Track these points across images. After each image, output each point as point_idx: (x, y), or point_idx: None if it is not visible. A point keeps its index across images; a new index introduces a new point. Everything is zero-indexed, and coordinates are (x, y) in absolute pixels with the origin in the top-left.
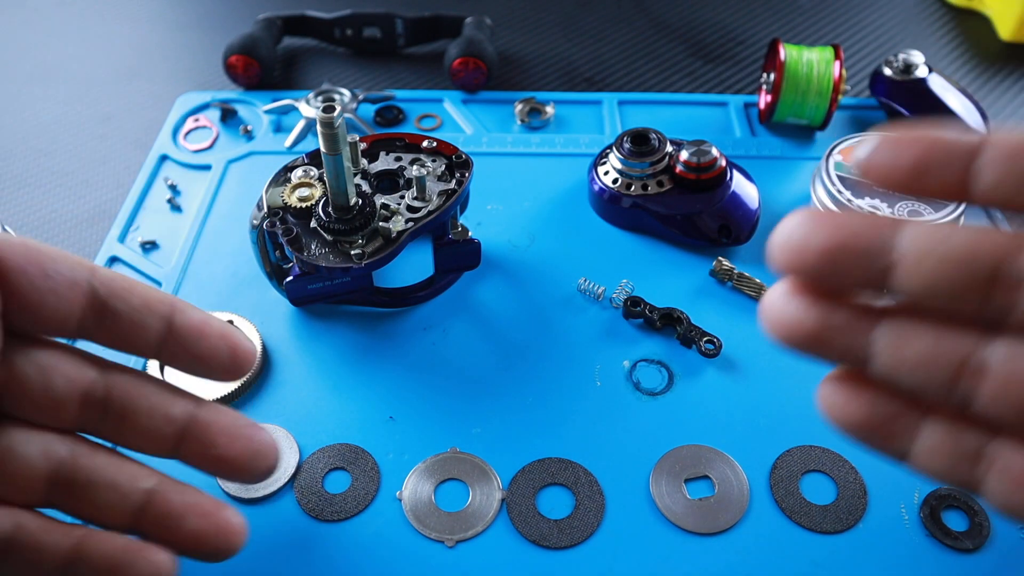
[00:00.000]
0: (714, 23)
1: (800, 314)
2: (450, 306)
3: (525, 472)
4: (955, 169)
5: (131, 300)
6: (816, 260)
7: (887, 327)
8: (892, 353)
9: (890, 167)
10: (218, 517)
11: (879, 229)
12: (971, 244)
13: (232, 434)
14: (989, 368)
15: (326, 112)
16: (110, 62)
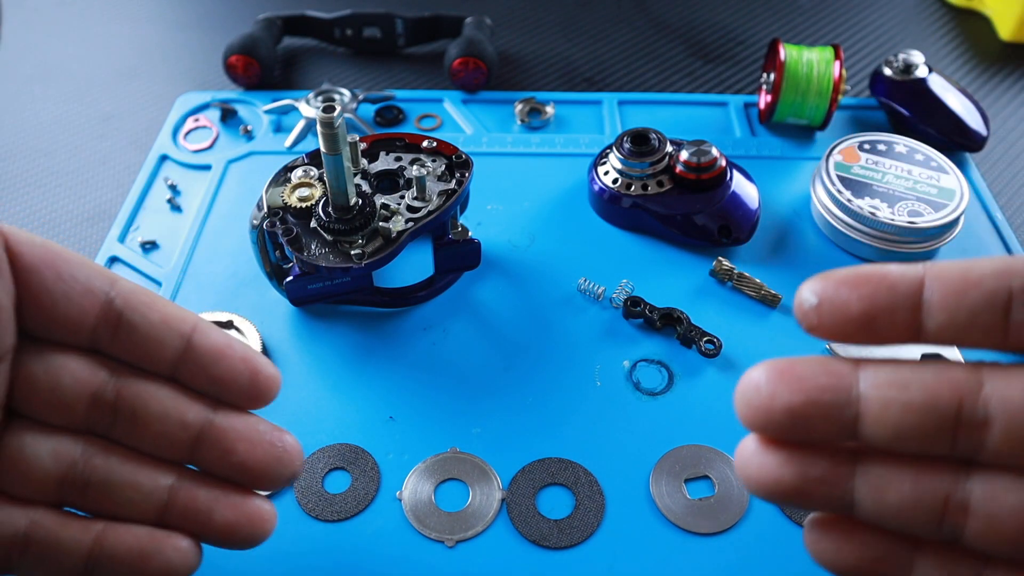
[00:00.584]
0: (714, 23)
1: (778, 470)
2: (450, 306)
3: (525, 472)
4: (904, 312)
5: (150, 315)
6: (782, 419)
7: (866, 473)
8: (875, 498)
9: (838, 320)
10: (247, 507)
11: (840, 379)
12: (931, 389)
13: (252, 439)
14: (971, 507)
15: (326, 112)
16: (110, 62)
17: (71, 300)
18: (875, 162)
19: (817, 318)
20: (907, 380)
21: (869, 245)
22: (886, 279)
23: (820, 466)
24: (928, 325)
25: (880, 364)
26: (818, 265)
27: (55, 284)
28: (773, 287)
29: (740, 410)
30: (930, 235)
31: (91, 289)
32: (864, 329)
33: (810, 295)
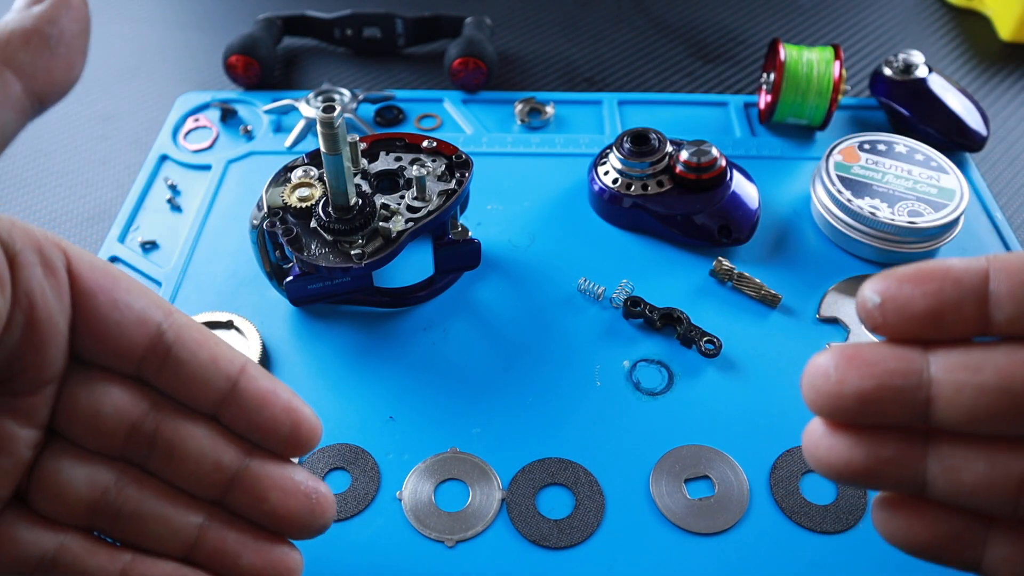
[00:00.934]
0: (714, 23)
1: (849, 452)
2: (450, 306)
3: (525, 472)
4: (971, 306)
5: (199, 353)
6: (853, 406)
7: (938, 454)
8: (948, 479)
9: (903, 317)
10: (274, 554)
11: (910, 363)
12: (1005, 371)
13: (286, 488)
14: None
15: (326, 112)
16: (110, 62)
17: (123, 329)
18: (875, 162)
19: (882, 317)
20: (980, 362)
21: (869, 245)
22: (950, 273)
23: (891, 447)
24: (996, 317)
25: (951, 347)
26: (818, 265)
27: (110, 311)
28: (773, 287)
29: (808, 395)
30: (930, 235)
31: (145, 320)
32: (931, 325)
33: (872, 294)
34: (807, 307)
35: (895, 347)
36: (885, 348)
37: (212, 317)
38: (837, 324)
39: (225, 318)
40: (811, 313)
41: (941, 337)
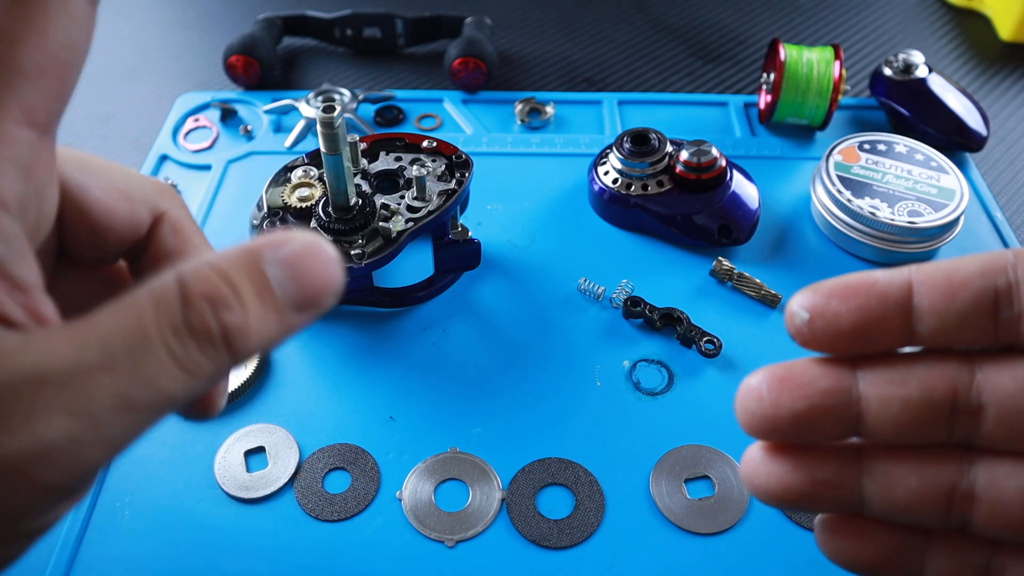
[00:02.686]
0: (714, 23)
1: (787, 478)
2: (450, 306)
3: (525, 472)
4: (896, 320)
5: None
6: (788, 427)
7: (872, 471)
8: (884, 495)
9: (831, 333)
10: None
11: (840, 381)
12: (927, 383)
13: None
14: (976, 494)
15: (326, 112)
16: (110, 62)
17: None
18: (875, 162)
19: (811, 333)
20: (903, 376)
21: (869, 245)
22: (875, 288)
23: (827, 469)
24: (920, 330)
25: (877, 362)
26: (818, 265)
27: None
28: (773, 287)
29: (742, 419)
30: (930, 235)
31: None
32: (858, 340)
33: (800, 309)
34: None
35: (825, 365)
36: (815, 367)
37: None
38: None
39: None
40: None
41: (868, 351)
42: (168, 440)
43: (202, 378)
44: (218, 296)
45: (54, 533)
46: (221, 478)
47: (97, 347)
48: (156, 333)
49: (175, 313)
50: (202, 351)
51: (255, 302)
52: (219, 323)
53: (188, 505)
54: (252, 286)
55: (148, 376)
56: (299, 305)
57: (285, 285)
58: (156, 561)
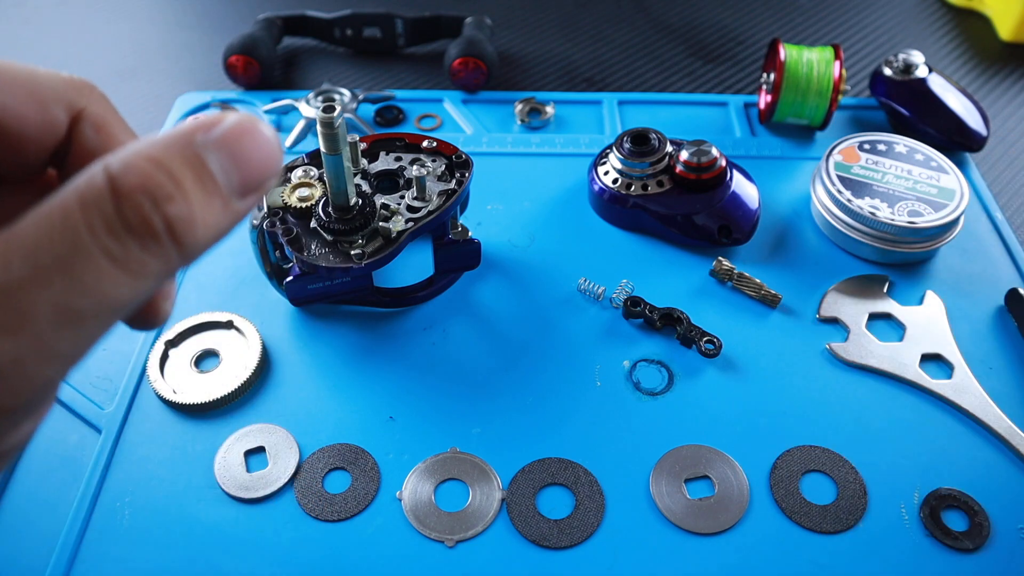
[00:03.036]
0: (714, 23)
1: None
2: (450, 306)
3: (525, 472)
4: None
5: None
6: None
7: None
8: None
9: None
10: None
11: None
12: None
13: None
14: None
15: (326, 112)
16: (110, 62)
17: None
18: (875, 162)
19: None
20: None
21: (869, 245)
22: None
23: None
24: None
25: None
26: (818, 265)
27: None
28: (773, 287)
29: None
30: (930, 235)
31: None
32: None
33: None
34: (807, 307)
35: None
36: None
37: (212, 317)
38: (837, 324)
39: (225, 318)
40: (811, 313)
41: None
42: (168, 440)
43: (148, 277)
44: (156, 186)
45: (54, 533)
46: (221, 478)
47: (23, 260)
48: (88, 236)
49: (107, 210)
50: (145, 248)
51: (197, 190)
52: (161, 216)
53: (188, 505)
54: (191, 173)
55: (87, 283)
56: (243, 190)
57: (227, 169)
58: (156, 561)
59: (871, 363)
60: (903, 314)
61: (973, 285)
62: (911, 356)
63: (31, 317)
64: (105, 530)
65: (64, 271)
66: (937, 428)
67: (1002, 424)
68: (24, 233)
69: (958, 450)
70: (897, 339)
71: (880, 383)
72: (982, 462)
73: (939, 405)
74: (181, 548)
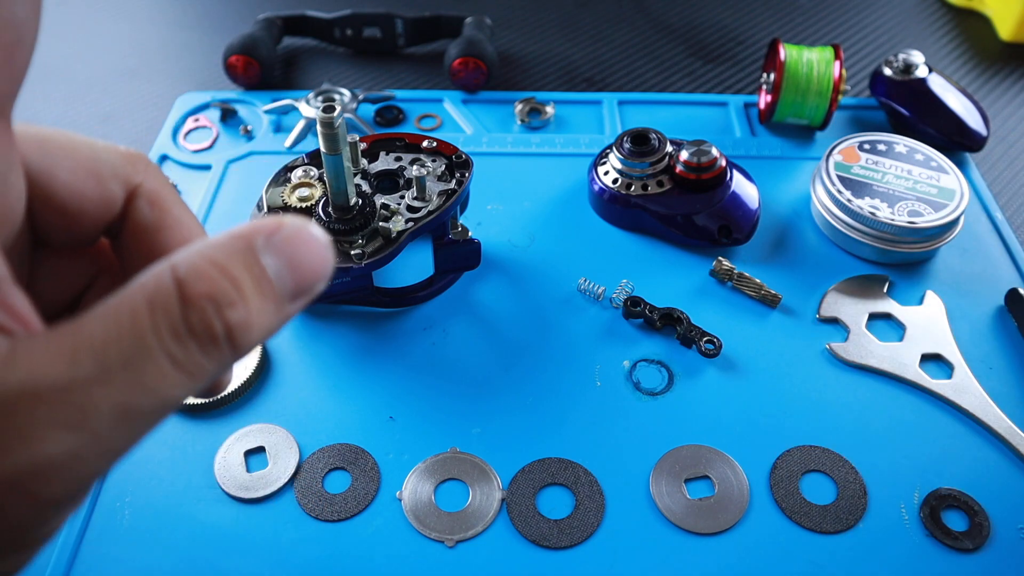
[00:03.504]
0: (714, 23)
1: None
2: (450, 306)
3: (525, 472)
4: None
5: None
6: None
7: None
8: None
9: None
10: None
11: None
12: None
13: None
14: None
15: (326, 112)
16: (110, 62)
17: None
18: (875, 162)
19: None
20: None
21: (869, 245)
22: None
23: None
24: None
25: None
26: (818, 265)
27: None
28: (773, 287)
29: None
30: (930, 235)
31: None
32: None
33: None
34: (807, 307)
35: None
36: None
37: None
38: (837, 324)
39: None
40: (811, 313)
41: None
42: (168, 440)
43: (204, 378)
44: (220, 294)
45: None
46: (221, 478)
47: (91, 358)
48: (154, 339)
49: (174, 315)
50: (204, 352)
51: (255, 295)
52: (223, 321)
53: (188, 505)
54: (251, 278)
55: (148, 384)
56: (295, 294)
57: (282, 275)
58: (156, 561)
59: (871, 363)
60: (903, 314)
61: (973, 285)
62: (911, 356)
63: (94, 414)
64: (105, 530)
65: (128, 371)
66: (937, 428)
67: (1002, 424)
68: (92, 330)
69: (958, 450)
70: (897, 339)
71: (880, 383)
72: (982, 462)
73: (939, 405)
74: (181, 548)
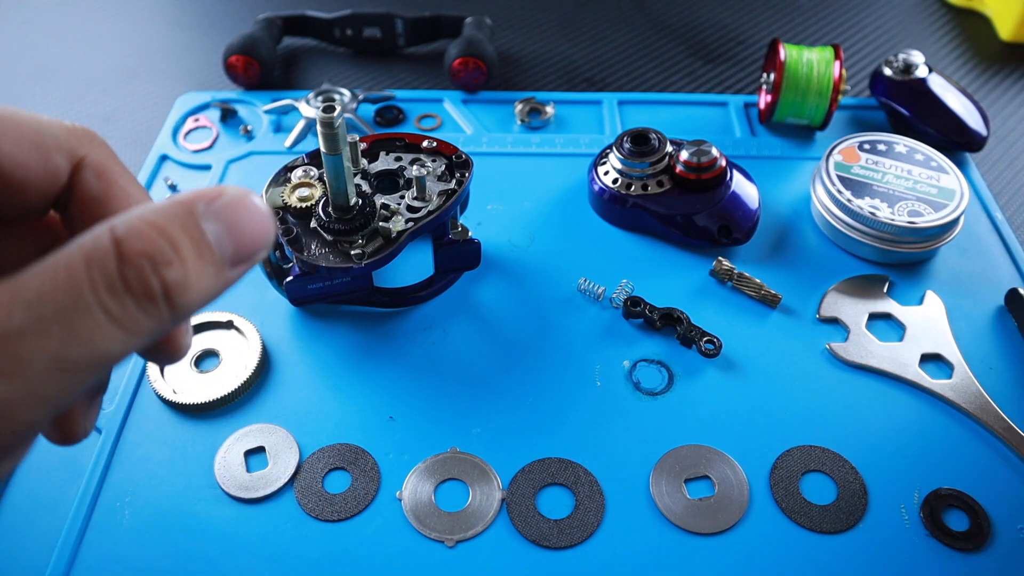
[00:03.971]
0: (714, 23)
1: None
2: (450, 306)
3: (525, 472)
4: None
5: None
6: None
7: None
8: None
9: None
10: None
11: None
12: None
13: None
14: None
15: (326, 112)
16: (110, 62)
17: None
18: (875, 162)
19: None
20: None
21: (869, 245)
22: None
23: None
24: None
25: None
26: (818, 265)
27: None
28: (773, 287)
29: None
30: (930, 235)
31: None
32: None
33: None
34: (807, 307)
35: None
36: None
37: (212, 317)
38: (837, 324)
39: (225, 318)
40: (811, 313)
41: None
42: (168, 440)
43: (140, 334)
44: (157, 252)
45: (54, 533)
46: (221, 478)
47: (26, 309)
48: (90, 293)
49: (111, 271)
50: (141, 308)
51: (194, 257)
52: (159, 279)
53: (188, 505)
54: (189, 240)
55: (83, 336)
56: (235, 259)
57: (222, 240)
58: (156, 561)
59: (871, 363)
60: (903, 314)
61: (973, 285)
62: (911, 356)
63: (27, 364)
64: (105, 530)
65: (63, 323)
66: (937, 428)
67: (1002, 424)
68: (28, 284)
69: (958, 450)
70: (897, 339)
71: (880, 383)
72: (982, 462)
73: (939, 405)
74: (181, 548)
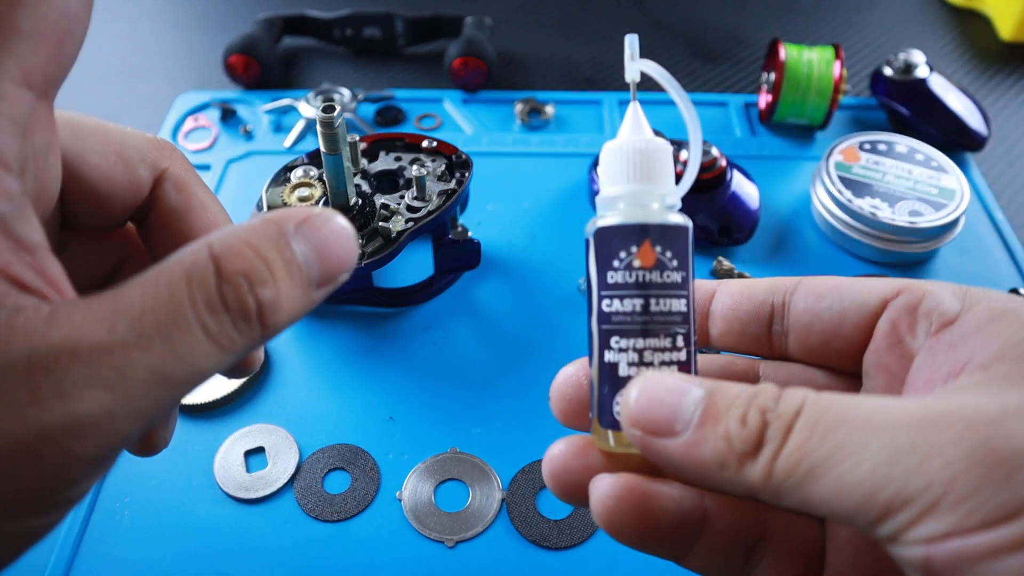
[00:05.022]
0: (714, 23)
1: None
2: (450, 306)
3: (525, 472)
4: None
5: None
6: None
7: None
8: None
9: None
10: None
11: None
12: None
13: None
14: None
15: (326, 112)
16: (110, 62)
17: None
18: (875, 162)
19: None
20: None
21: (869, 245)
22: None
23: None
24: (711, 332)
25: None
26: (818, 265)
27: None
28: None
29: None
30: (930, 235)
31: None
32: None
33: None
34: None
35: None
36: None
37: None
38: None
39: None
40: None
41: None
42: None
43: (234, 352)
44: (254, 271)
45: (54, 533)
46: (221, 478)
47: (129, 324)
48: (191, 310)
49: (210, 289)
50: (236, 327)
51: (285, 277)
52: (255, 298)
53: (188, 505)
54: (281, 260)
55: (182, 352)
56: (321, 281)
57: (310, 261)
58: (156, 561)
59: None
60: None
61: (973, 285)
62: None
63: (129, 377)
64: (105, 530)
65: (164, 338)
66: None
67: None
68: (131, 298)
69: None
70: None
71: None
72: None
73: None
74: (181, 549)
